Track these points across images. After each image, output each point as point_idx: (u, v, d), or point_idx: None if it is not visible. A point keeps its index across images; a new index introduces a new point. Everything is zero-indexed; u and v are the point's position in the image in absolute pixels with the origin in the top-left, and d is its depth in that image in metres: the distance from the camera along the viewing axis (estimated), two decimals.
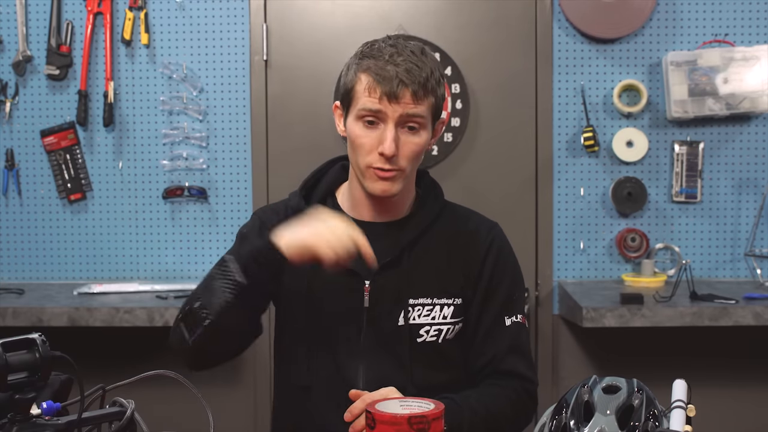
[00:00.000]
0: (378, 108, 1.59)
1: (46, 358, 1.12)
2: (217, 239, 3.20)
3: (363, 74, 1.61)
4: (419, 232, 1.70)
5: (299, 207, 1.71)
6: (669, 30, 3.14)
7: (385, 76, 1.58)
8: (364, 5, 3.16)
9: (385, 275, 1.66)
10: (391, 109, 1.59)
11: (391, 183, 1.63)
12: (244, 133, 3.20)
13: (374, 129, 1.61)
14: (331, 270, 1.53)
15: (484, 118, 3.18)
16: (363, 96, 1.60)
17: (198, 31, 3.19)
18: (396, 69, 1.58)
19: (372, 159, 1.61)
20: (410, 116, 1.60)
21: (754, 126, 3.15)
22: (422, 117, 1.61)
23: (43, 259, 3.25)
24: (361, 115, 1.61)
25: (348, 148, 1.68)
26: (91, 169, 3.21)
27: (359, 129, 1.62)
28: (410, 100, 1.59)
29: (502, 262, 1.73)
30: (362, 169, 1.63)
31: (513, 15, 3.16)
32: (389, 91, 1.58)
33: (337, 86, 3.15)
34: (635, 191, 3.11)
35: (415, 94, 1.59)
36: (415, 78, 1.58)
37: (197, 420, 1.41)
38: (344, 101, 1.67)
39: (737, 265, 3.17)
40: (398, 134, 1.60)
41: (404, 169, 1.62)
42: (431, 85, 1.61)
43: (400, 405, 1.34)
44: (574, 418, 1.21)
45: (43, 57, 3.18)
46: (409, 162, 1.63)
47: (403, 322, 1.66)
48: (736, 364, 3.11)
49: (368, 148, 1.61)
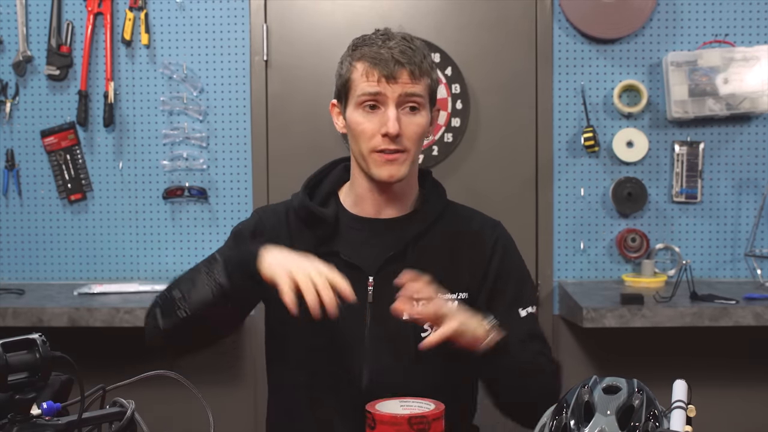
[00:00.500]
0: (377, 90, 1.61)
1: (47, 358, 1.12)
2: (218, 239, 3.20)
3: (358, 62, 1.63)
4: (423, 228, 1.70)
5: (303, 205, 1.71)
6: (669, 30, 3.14)
7: (381, 58, 1.61)
8: (364, 5, 3.16)
9: (389, 270, 1.66)
10: (390, 90, 1.61)
11: (398, 166, 1.63)
12: (244, 133, 3.20)
13: (375, 113, 1.62)
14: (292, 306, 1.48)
15: (485, 118, 3.18)
16: (361, 82, 1.62)
17: (198, 32, 3.19)
18: (390, 51, 1.61)
19: (375, 142, 1.62)
20: (409, 95, 1.62)
21: (754, 126, 3.15)
22: (421, 96, 1.63)
23: (44, 260, 3.25)
24: (361, 101, 1.63)
25: (350, 139, 1.68)
26: (91, 170, 3.21)
27: (360, 116, 1.63)
28: (408, 79, 1.61)
29: (508, 261, 1.74)
30: (366, 156, 1.64)
31: (513, 15, 3.16)
32: (387, 72, 1.60)
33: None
34: (635, 191, 3.11)
35: (412, 73, 1.61)
36: (411, 58, 1.61)
37: (197, 420, 1.41)
38: (341, 94, 1.68)
39: (737, 265, 3.17)
40: (399, 115, 1.62)
41: (408, 149, 1.63)
42: (426, 66, 1.64)
43: (401, 405, 1.35)
44: (574, 419, 1.21)
45: (43, 57, 3.18)
46: (413, 143, 1.64)
47: (407, 317, 1.65)
48: (736, 364, 3.11)
49: (370, 133, 1.62)
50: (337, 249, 1.69)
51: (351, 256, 1.68)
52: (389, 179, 1.64)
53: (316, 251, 1.67)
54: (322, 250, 1.68)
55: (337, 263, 1.66)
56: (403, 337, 1.64)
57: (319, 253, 1.67)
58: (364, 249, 1.69)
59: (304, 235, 1.70)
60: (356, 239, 1.70)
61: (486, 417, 1.82)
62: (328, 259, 1.66)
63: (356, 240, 1.70)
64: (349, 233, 1.71)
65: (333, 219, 1.70)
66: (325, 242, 1.70)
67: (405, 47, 1.62)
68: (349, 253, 1.68)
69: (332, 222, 1.70)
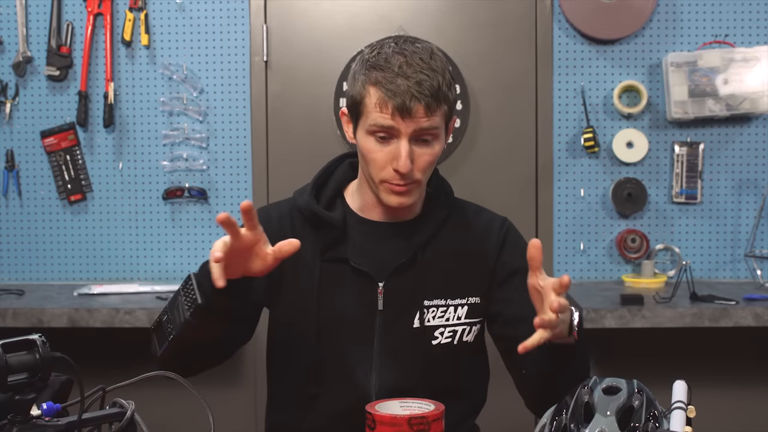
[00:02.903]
0: (390, 125, 1.53)
1: (46, 359, 1.12)
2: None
3: (372, 87, 1.54)
4: (431, 233, 1.67)
5: (309, 208, 1.67)
6: (669, 31, 3.14)
7: (396, 92, 1.51)
8: (364, 5, 3.16)
9: (399, 276, 1.63)
10: (404, 125, 1.53)
11: (408, 196, 1.59)
12: (244, 134, 3.20)
13: (387, 144, 1.56)
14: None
15: (485, 119, 3.18)
16: (374, 111, 1.54)
17: (198, 32, 3.19)
18: (407, 82, 1.51)
19: (386, 174, 1.57)
20: (424, 130, 1.55)
21: (754, 127, 3.15)
22: (436, 128, 1.56)
23: (44, 260, 3.25)
24: (373, 131, 1.56)
25: (360, 158, 1.63)
26: (91, 170, 3.21)
27: (371, 144, 1.57)
28: (423, 114, 1.53)
29: (519, 253, 1.63)
30: (376, 183, 1.60)
31: (513, 16, 3.16)
32: (401, 107, 1.52)
33: (345, 93, 3.15)
34: (635, 192, 3.11)
35: (428, 107, 1.53)
36: (427, 90, 1.52)
37: (197, 421, 1.41)
38: (353, 111, 1.60)
39: (737, 266, 3.17)
40: (412, 148, 1.55)
41: (419, 181, 1.59)
42: (443, 93, 1.55)
43: (401, 406, 1.34)
44: (574, 419, 1.21)
45: (43, 58, 3.18)
46: (424, 173, 1.59)
47: (418, 324, 1.63)
48: (736, 364, 3.11)
49: (382, 164, 1.57)
50: (347, 256, 1.65)
51: (361, 263, 1.64)
52: (398, 206, 1.61)
53: (322, 256, 1.65)
54: (330, 255, 1.65)
55: (346, 270, 1.64)
56: (414, 344, 1.62)
57: (327, 258, 1.65)
58: (372, 255, 1.65)
59: (309, 237, 1.65)
60: (364, 245, 1.66)
61: (487, 416, 1.82)
62: (337, 266, 1.64)
63: (364, 245, 1.66)
64: (356, 238, 1.66)
65: (341, 224, 1.66)
66: (333, 247, 1.65)
67: (423, 76, 1.52)
68: (358, 260, 1.64)
69: (340, 227, 1.66)
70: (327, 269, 1.64)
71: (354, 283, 1.64)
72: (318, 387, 1.64)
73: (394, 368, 1.62)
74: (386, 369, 1.62)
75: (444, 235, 1.68)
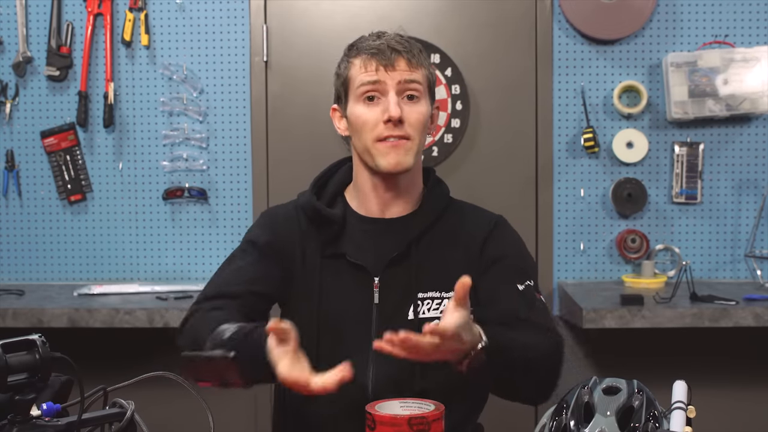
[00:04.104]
0: (376, 79, 1.63)
1: (46, 359, 1.12)
2: (218, 240, 3.20)
3: (355, 58, 1.67)
4: (426, 227, 1.71)
5: (310, 204, 1.72)
6: (669, 31, 3.14)
7: (378, 49, 1.64)
8: (364, 6, 3.16)
9: (394, 270, 1.67)
10: (389, 77, 1.63)
11: (404, 153, 1.64)
12: (244, 134, 3.20)
13: (376, 104, 1.64)
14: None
15: (485, 119, 3.18)
16: (359, 74, 1.65)
17: (198, 32, 3.19)
18: (385, 42, 1.65)
19: (379, 131, 1.63)
20: (408, 82, 1.64)
21: (754, 127, 3.15)
22: (419, 83, 1.66)
23: (43, 260, 3.25)
24: (361, 93, 1.65)
25: (353, 136, 1.69)
26: (91, 170, 3.21)
27: (361, 108, 1.65)
28: (406, 66, 1.64)
29: (504, 242, 1.72)
30: (370, 147, 1.64)
31: (513, 16, 3.16)
32: (384, 61, 1.63)
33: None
34: (635, 192, 3.11)
35: (409, 61, 1.64)
36: (406, 47, 1.65)
37: (197, 421, 1.41)
38: (341, 94, 1.70)
39: (737, 266, 3.17)
40: (400, 102, 1.63)
41: (412, 137, 1.64)
42: (423, 56, 1.68)
43: (400, 406, 1.34)
44: (574, 419, 1.21)
45: (43, 58, 3.18)
46: (416, 130, 1.65)
47: (413, 317, 1.65)
48: (736, 365, 3.11)
49: (373, 122, 1.64)
50: (344, 251, 1.69)
51: (357, 257, 1.68)
52: (396, 167, 1.64)
53: (323, 252, 1.69)
54: (329, 251, 1.70)
55: (344, 265, 1.68)
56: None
57: (327, 254, 1.70)
58: (369, 250, 1.69)
59: (313, 235, 1.72)
60: (362, 240, 1.70)
61: (488, 415, 1.82)
62: (336, 261, 1.69)
63: (362, 240, 1.70)
64: (355, 234, 1.71)
65: (340, 219, 1.71)
66: (332, 243, 1.71)
67: (399, 38, 1.67)
68: (354, 255, 1.69)
69: (339, 222, 1.71)
70: (327, 265, 1.69)
71: (352, 277, 1.68)
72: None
73: (390, 362, 1.63)
74: (384, 361, 1.63)
75: (438, 230, 1.72)
